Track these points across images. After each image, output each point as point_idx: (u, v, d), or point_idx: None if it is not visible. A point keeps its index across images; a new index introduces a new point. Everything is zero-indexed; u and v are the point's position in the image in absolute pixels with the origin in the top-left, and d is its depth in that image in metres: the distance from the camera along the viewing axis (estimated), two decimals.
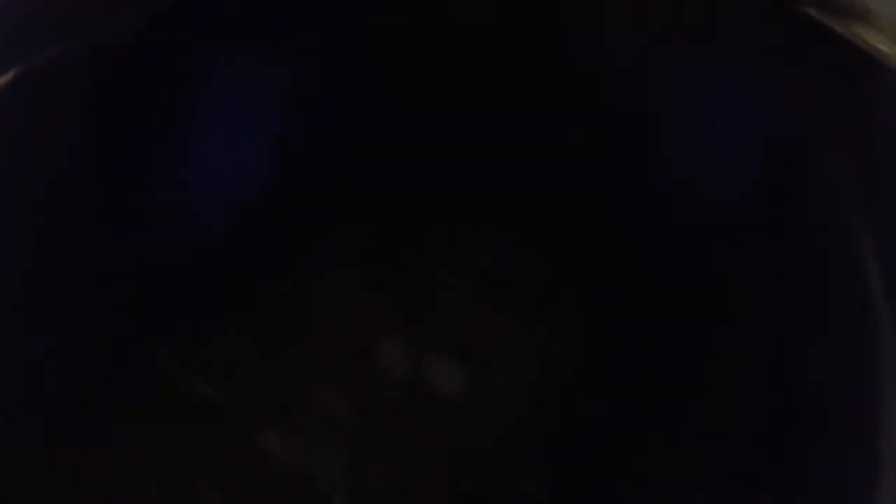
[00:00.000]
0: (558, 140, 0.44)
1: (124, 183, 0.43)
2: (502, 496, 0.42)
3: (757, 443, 0.39)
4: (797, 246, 0.39)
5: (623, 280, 0.43)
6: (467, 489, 0.42)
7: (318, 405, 0.43)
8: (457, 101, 0.44)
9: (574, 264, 0.44)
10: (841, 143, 0.38)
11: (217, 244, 0.45)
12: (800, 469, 0.38)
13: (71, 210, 0.42)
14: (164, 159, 0.44)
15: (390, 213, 0.46)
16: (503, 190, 0.45)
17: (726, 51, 0.40)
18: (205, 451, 0.42)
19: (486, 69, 0.44)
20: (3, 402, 0.41)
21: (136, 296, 0.43)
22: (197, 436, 0.42)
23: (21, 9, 0.40)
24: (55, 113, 0.41)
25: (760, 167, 0.40)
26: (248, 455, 0.42)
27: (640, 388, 0.41)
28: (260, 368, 0.44)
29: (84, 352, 0.42)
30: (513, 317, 0.45)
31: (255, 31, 0.44)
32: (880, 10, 0.38)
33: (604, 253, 0.43)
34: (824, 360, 0.39)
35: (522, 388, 0.44)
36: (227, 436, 0.42)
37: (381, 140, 0.45)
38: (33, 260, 0.42)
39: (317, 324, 0.45)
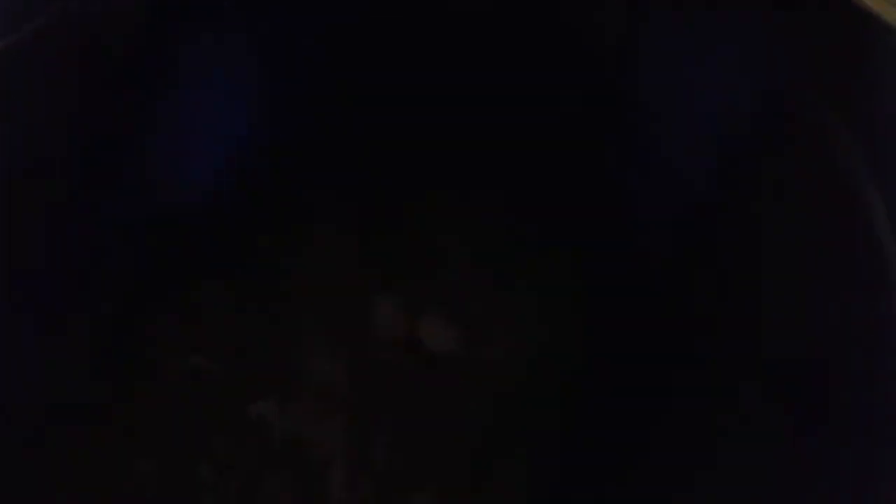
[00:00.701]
0: (549, 97, 0.42)
1: (116, 147, 0.42)
2: (502, 459, 0.41)
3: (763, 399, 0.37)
4: (798, 196, 0.37)
5: (619, 242, 0.41)
6: (467, 452, 0.41)
7: (313, 372, 0.42)
8: (447, 57, 0.42)
9: (570, 228, 0.42)
10: (838, 96, 0.36)
11: (208, 209, 0.43)
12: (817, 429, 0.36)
13: (61, 178, 0.41)
14: (152, 124, 0.42)
15: (382, 174, 0.44)
16: (497, 153, 0.43)
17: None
18: (200, 426, 0.41)
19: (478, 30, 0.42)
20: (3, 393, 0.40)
21: (125, 264, 0.42)
22: (191, 411, 0.41)
23: None
24: (44, 81, 0.40)
25: (756, 119, 0.38)
26: (244, 428, 0.41)
27: (637, 353, 0.39)
28: (252, 337, 0.43)
29: (75, 325, 0.41)
30: (509, 279, 0.43)
31: None
32: None
33: (600, 220, 0.41)
34: (837, 314, 0.37)
35: (520, 349, 0.42)
36: (221, 409, 0.42)
37: (372, 99, 0.43)
38: (25, 231, 0.41)
39: (310, 288, 0.44)
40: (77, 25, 0.39)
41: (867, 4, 0.35)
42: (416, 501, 0.40)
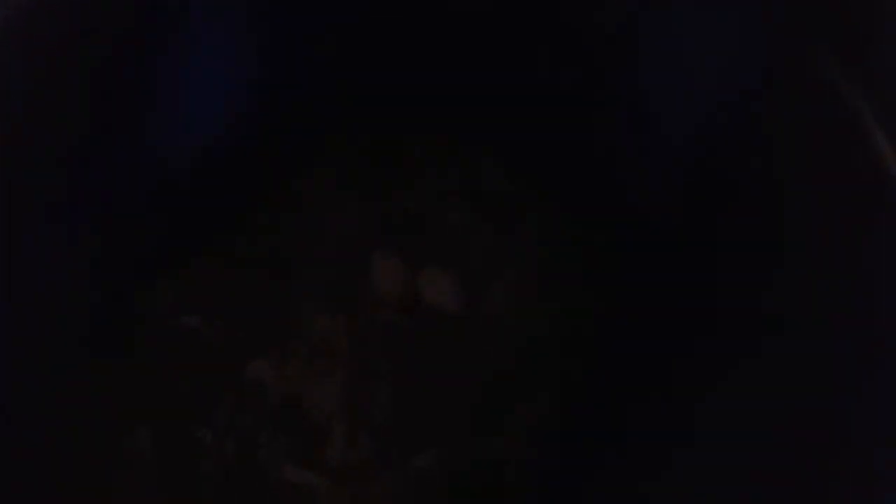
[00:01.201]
0: (547, 55, 0.40)
1: (110, 112, 0.41)
2: (503, 416, 0.40)
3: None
4: (808, 142, 0.35)
5: (621, 193, 0.39)
6: (468, 410, 0.40)
7: (310, 329, 0.42)
8: (443, 23, 0.41)
9: (571, 181, 0.41)
10: (843, 40, 0.34)
11: (205, 168, 0.42)
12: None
13: (57, 145, 0.40)
14: (147, 83, 0.41)
15: (381, 131, 0.43)
16: (496, 107, 0.41)
17: None
18: (196, 390, 0.41)
19: None
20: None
21: (121, 226, 0.41)
22: (187, 373, 0.41)
23: None
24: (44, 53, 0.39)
25: (762, 67, 0.36)
26: (241, 389, 0.41)
27: (639, 309, 0.38)
28: (248, 295, 0.42)
29: (71, 290, 0.40)
30: (510, 234, 0.42)
31: None
32: None
33: (600, 171, 0.40)
34: (853, 256, 0.35)
35: (520, 304, 0.41)
36: (217, 370, 0.41)
37: (370, 55, 0.42)
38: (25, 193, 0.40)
39: (308, 246, 0.43)
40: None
41: None
42: (417, 460, 0.40)
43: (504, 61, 0.41)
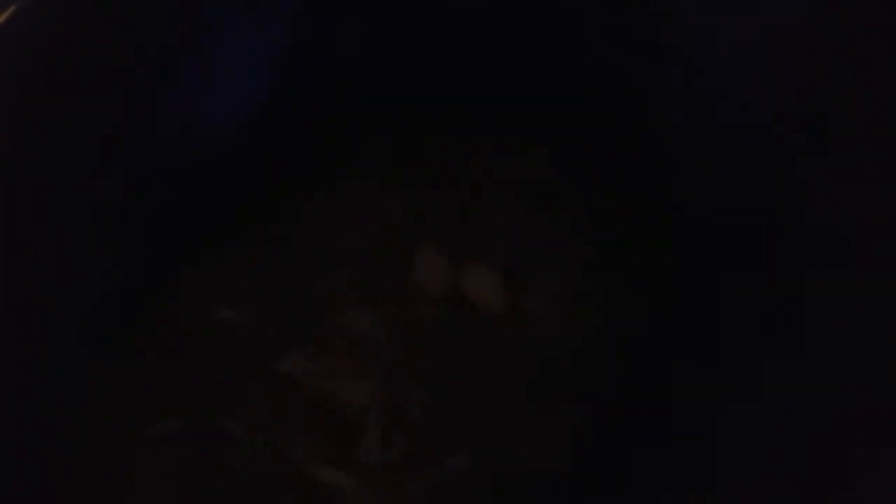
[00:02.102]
0: (597, 49, 0.39)
1: (134, 103, 0.40)
2: (546, 418, 0.38)
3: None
4: (867, 151, 0.33)
5: (667, 194, 0.38)
6: (507, 411, 0.38)
7: (346, 324, 0.40)
8: (489, 17, 0.40)
9: (618, 176, 0.39)
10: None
11: (240, 158, 0.41)
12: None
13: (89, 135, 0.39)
14: (176, 74, 0.40)
15: (426, 124, 0.41)
16: (543, 101, 0.40)
17: None
18: (227, 382, 0.39)
19: None
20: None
21: (156, 214, 0.40)
22: (218, 366, 0.39)
23: None
24: (63, 40, 0.38)
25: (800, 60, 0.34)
26: (273, 383, 0.39)
27: (687, 309, 0.36)
28: (283, 287, 0.41)
29: (103, 277, 0.40)
30: (556, 229, 0.40)
31: None
32: None
33: (649, 174, 0.38)
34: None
35: (567, 302, 0.39)
36: (249, 364, 0.40)
37: (412, 49, 0.41)
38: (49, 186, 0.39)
39: (344, 235, 0.41)
40: None
41: None
42: (452, 461, 0.38)
43: (552, 56, 0.39)
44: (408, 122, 0.41)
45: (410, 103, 0.41)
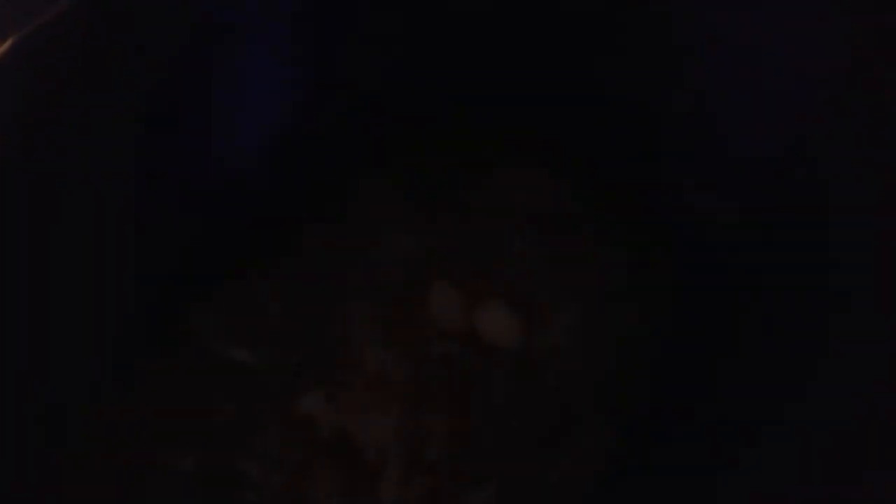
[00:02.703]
0: (613, 72, 0.39)
1: (149, 142, 0.40)
2: (565, 451, 0.37)
3: None
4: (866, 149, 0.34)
5: (683, 224, 0.38)
6: (527, 447, 0.38)
7: (363, 363, 0.40)
8: (504, 37, 0.40)
9: (634, 211, 0.39)
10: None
11: (255, 194, 0.41)
12: None
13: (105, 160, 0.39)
14: (190, 99, 0.40)
15: (440, 158, 0.42)
16: (558, 135, 0.40)
17: None
18: (242, 421, 0.39)
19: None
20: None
21: (168, 248, 0.40)
22: (234, 405, 0.39)
23: None
24: (67, 68, 0.38)
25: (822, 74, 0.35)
26: (290, 422, 0.39)
27: (704, 342, 0.36)
28: (298, 324, 0.40)
29: (117, 314, 0.39)
30: (571, 267, 0.40)
31: None
32: None
33: (665, 204, 0.39)
34: None
35: (582, 336, 0.39)
36: (265, 402, 0.39)
37: (426, 81, 0.41)
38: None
39: (359, 272, 0.41)
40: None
41: None
42: (474, 499, 0.37)
43: (569, 78, 0.40)
44: (423, 154, 0.42)
45: (425, 134, 0.41)
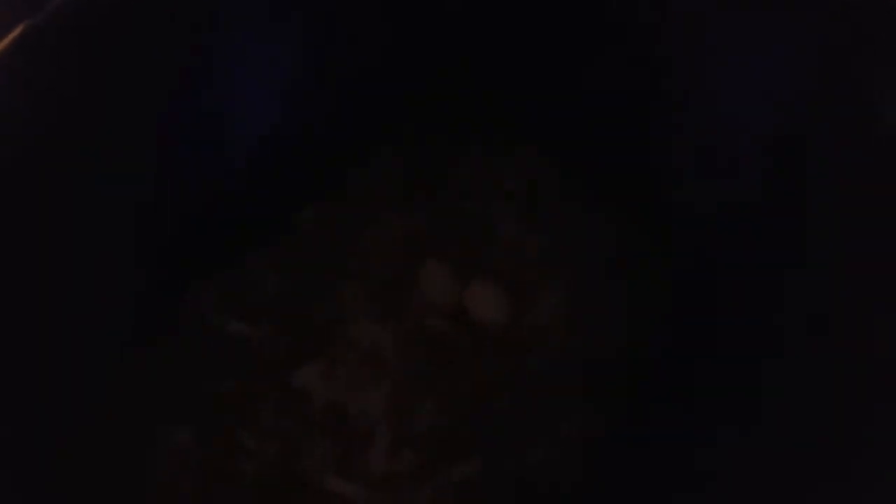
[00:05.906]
0: (608, 60, 0.40)
1: (153, 119, 0.41)
2: (551, 428, 0.39)
3: None
4: (847, 153, 0.35)
5: (675, 210, 0.39)
6: (514, 421, 0.39)
7: (356, 338, 0.41)
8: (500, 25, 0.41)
9: (627, 194, 0.40)
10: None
11: (252, 174, 0.43)
12: None
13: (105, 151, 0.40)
14: (189, 93, 0.42)
15: (430, 138, 0.43)
16: (548, 116, 0.41)
17: None
18: (240, 393, 0.40)
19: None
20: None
21: (174, 231, 0.42)
22: (232, 379, 0.41)
23: None
24: (71, 59, 0.39)
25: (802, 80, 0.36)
26: (285, 395, 0.40)
27: (693, 326, 0.37)
28: (294, 301, 0.42)
29: (116, 284, 0.40)
30: (562, 244, 0.41)
31: None
32: None
33: (657, 187, 0.40)
34: None
35: (571, 316, 0.40)
36: (262, 375, 0.41)
37: (417, 62, 0.42)
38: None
39: (354, 252, 0.42)
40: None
41: None
42: (460, 471, 0.39)
43: (563, 66, 0.41)
44: (415, 139, 0.43)
45: (417, 119, 0.42)
